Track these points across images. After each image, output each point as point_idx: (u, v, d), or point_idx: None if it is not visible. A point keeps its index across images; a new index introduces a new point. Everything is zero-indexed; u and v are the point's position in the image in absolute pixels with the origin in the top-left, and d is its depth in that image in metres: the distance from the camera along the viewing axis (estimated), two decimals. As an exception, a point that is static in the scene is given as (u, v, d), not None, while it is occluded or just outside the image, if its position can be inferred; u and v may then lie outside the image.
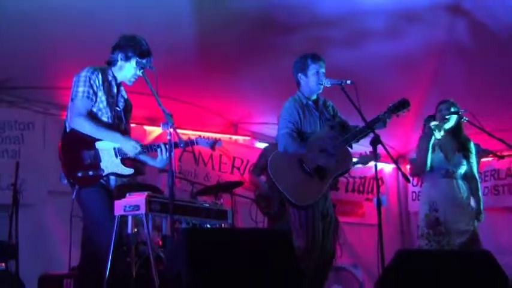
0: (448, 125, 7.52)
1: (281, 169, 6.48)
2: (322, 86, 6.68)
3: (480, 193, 7.67)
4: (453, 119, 7.51)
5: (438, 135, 7.45)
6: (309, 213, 6.44)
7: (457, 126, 7.59)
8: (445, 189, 7.49)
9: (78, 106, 5.70)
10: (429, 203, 7.48)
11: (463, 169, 7.59)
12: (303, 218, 6.47)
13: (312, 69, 6.65)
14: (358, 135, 6.49)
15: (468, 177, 7.63)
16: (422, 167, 7.53)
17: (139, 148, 5.76)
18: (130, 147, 5.74)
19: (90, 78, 5.73)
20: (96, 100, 5.76)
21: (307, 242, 6.36)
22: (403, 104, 6.44)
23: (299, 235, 6.42)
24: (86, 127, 5.67)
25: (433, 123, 7.42)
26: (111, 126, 5.80)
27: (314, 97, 6.78)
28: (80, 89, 5.70)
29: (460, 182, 7.56)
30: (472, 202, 7.60)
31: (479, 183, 7.70)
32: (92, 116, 5.74)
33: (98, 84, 5.76)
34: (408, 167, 10.96)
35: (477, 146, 8.06)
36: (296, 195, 6.41)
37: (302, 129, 6.61)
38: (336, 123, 6.74)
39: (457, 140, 7.64)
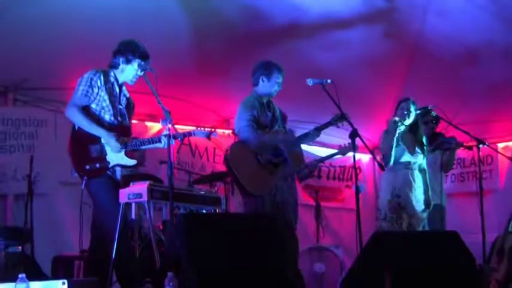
0: (409, 121, 7.59)
1: (239, 159, 6.52)
2: (276, 94, 6.79)
3: (429, 183, 7.75)
4: (413, 115, 7.58)
5: (402, 127, 7.50)
6: (259, 201, 6.45)
7: (416, 122, 7.67)
8: (405, 178, 7.58)
9: (75, 99, 5.79)
10: (391, 190, 7.54)
11: (419, 161, 7.68)
12: (253, 205, 6.49)
13: (276, 78, 6.71)
14: (305, 138, 6.72)
15: (421, 169, 7.72)
16: (386, 160, 7.58)
17: (120, 149, 5.78)
18: (113, 146, 5.76)
19: (91, 79, 5.79)
20: (95, 98, 5.80)
21: None
22: (340, 118, 6.53)
23: None
24: (78, 117, 5.74)
25: (396, 118, 7.47)
26: (110, 125, 5.85)
27: (266, 99, 6.83)
28: (81, 87, 5.78)
29: (417, 172, 7.67)
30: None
31: (427, 175, 7.78)
32: (92, 113, 5.80)
33: (99, 85, 5.80)
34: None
35: (453, 138, 8.16)
36: (250, 185, 6.44)
37: (260, 123, 6.66)
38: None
39: (415, 135, 7.70)
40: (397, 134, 7.46)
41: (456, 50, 8.80)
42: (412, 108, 7.57)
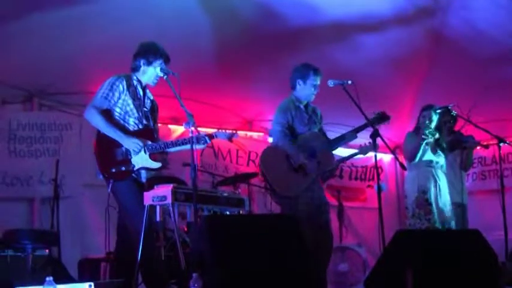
0: (433, 125, 7.61)
1: (271, 162, 6.56)
2: (314, 96, 6.77)
3: (448, 185, 7.79)
4: (435, 119, 7.63)
5: (431, 139, 7.53)
6: (293, 202, 6.47)
7: (439, 126, 7.69)
8: (428, 176, 7.69)
9: (95, 100, 5.84)
10: (418, 187, 7.62)
11: (441, 162, 7.76)
12: (286, 207, 6.55)
13: (312, 80, 6.70)
14: (341, 140, 6.72)
15: (443, 170, 7.77)
16: (411, 158, 7.64)
17: (140, 146, 5.79)
18: (132, 145, 5.77)
19: (113, 84, 5.84)
20: (117, 102, 5.85)
21: None
22: (383, 118, 6.50)
23: None
24: (96, 118, 5.77)
25: (427, 130, 7.50)
26: (135, 130, 5.88)
27: (305, 102, 6.81)
28: (101, 90, 5.84)
29: (440, 172, 7.76)
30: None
31: (446, 177, 7.80)
32: (115, 118, 5.85)
33: (121, 90, 5.84)
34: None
35: (471, 137, 8.19)
36: (281, 186, 6.48)
37: (293, 127, 6.66)
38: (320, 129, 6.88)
39: (438, 139, 7.73)
40: (423, 143, 7.54)
41: (477, 48, 8.75)
42: (434, 117, 7.61)
